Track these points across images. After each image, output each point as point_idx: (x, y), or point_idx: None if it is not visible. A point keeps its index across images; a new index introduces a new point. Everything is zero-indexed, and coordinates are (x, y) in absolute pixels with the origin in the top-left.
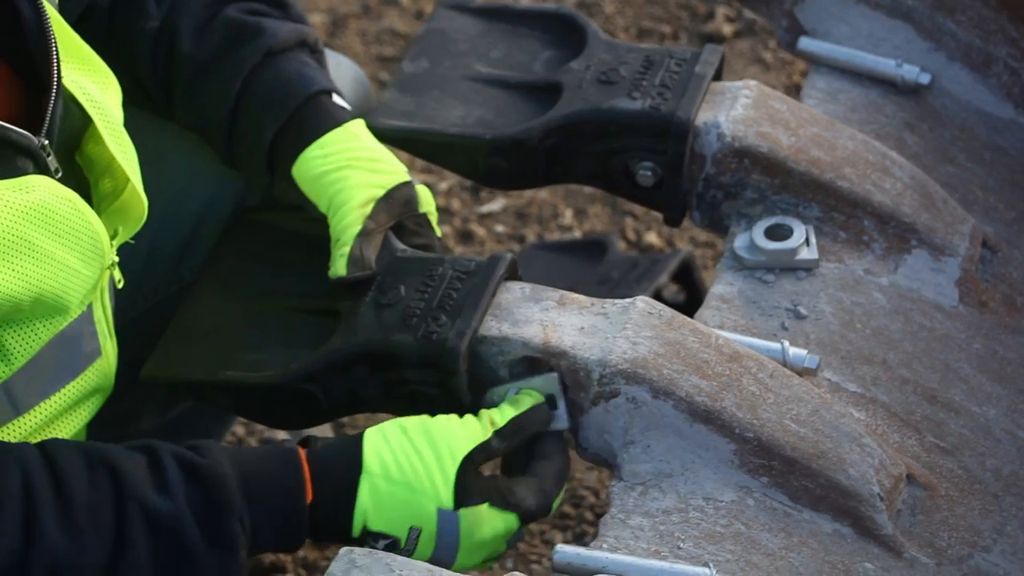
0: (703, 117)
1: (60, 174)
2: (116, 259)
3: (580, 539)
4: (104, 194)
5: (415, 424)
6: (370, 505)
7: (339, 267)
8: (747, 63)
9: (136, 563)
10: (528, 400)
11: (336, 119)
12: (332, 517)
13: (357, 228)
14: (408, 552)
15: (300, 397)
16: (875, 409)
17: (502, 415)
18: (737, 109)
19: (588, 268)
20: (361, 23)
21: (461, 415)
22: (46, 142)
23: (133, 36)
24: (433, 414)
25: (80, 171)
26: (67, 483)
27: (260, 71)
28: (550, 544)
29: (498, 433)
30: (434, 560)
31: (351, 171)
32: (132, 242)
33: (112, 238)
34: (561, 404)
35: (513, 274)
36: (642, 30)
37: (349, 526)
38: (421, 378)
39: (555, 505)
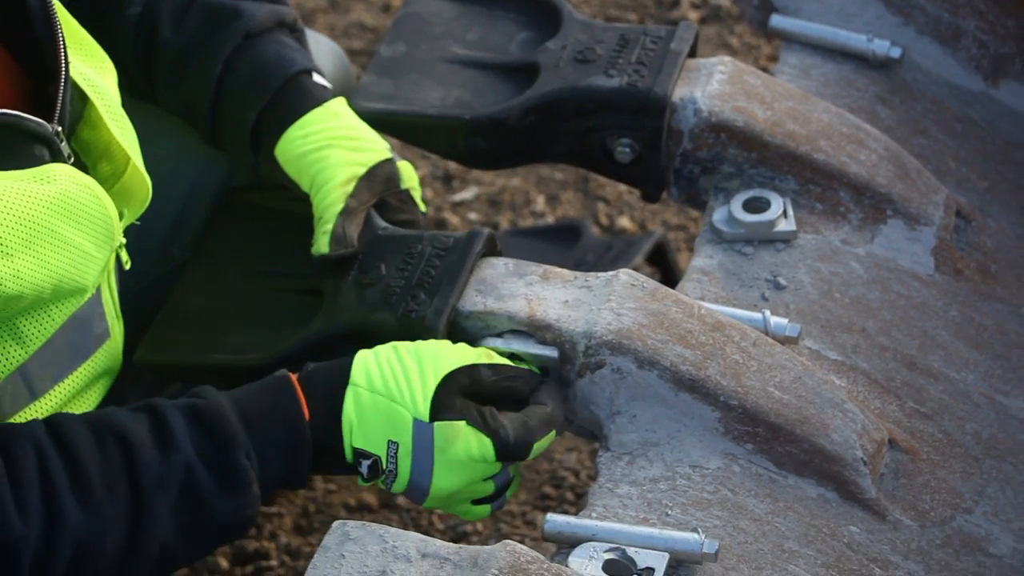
0: (679, 93)
1: (72, 159)
2: (123, 240)
3: None
4: (103, 177)
5: (407, 343)
6: (354, 416)
7: (321, 245)
8: (714, 48)
9: (155, 525)
10: (529, 362)
11: (317, 98)
12: (325, 434)
13: (339, 206)
14: (390, 473)
15: None
16: (856, 376)
17: (502, 353)
18: (713, 84)
19: (563, 252)
20: (329, 17)
21: None
22: (59, 128)
23: (116, 22)
24: None
25: (77, 156)
26: (80, 459)
27: (240, 54)
28: (532, 524)
29: (492, 365)
30: (412, 484)
31: (332, 150)
32: (138, 223)
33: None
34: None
35: (492, 249)
36: (608, 18)
37: (340, 443)
38: None
39: (536, 448)
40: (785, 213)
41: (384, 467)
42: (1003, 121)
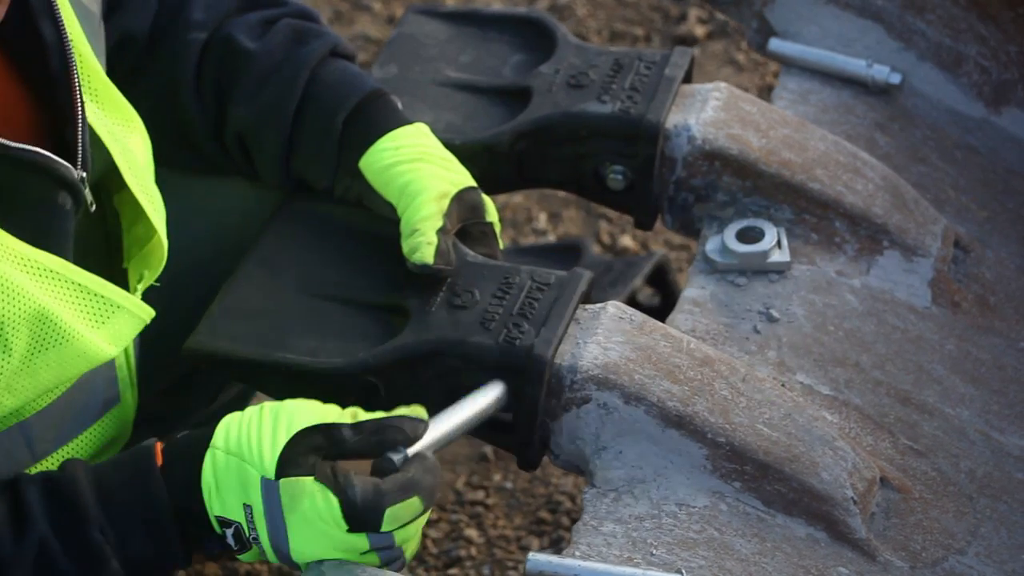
0: (673, 120)
1: (95, 207)
2: (149, 318)
3: (557, 544)
4: (135, 238)
5: (274, 403)
6: (212, 480)
7: (426, 254)
8: (720, 64)
9: None
10: (403, 410)
11: (406, 118)
12: (188, 502)
13: (438, 222)
14: (254, 540)
15: (360, 389)
16: (848, 412)
17: (367, 413)
18: (707, 111)
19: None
20: (333, 28)
21: (523, 432)
22: (84, 174)
23: (178, 50)
24: (492, 424)
25: (116, 215)
26: None
27: (327, 65)
28: (526, 549)
29: (355, 425)
30: (276, 550)
31: (424, 164)
32: (158, 284)
33: (138, 282)
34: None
35: (590, 291)
36: (615, 33)
37: (204, 513)
38: None
39: (393, 516)
40: (779, 244)
41: (247, 534)
42: (1005, 149)
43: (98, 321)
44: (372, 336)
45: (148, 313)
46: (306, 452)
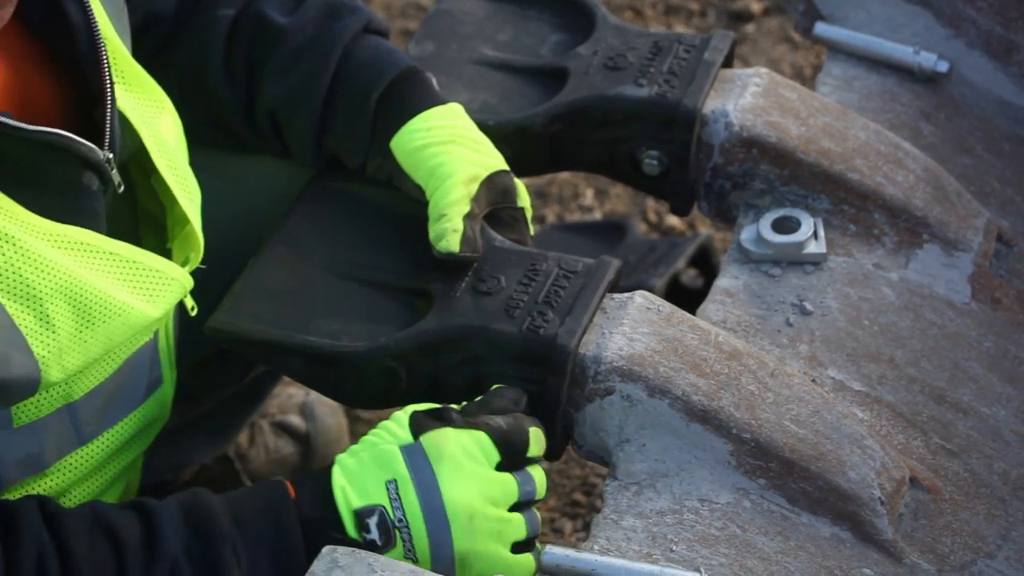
0: (711, 105)
1: (123, 188)
2: (190, 285)
3: (589, 528)
4: (176, 219)
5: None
6: (344, 481)
7: (452, 242)
8: (775, 42)
9: None
10: (502, 387)
11: (439, 97)
12: (317, 510)
13: (465, 207)
14: (399, 524)
15: (381, 374)
16: (880, 409)
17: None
18: (746, 97)
19: (606, 251)
20: None
21: (546, 422)
22: (111, 155)
23: (205, 27)
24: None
25: (156, 195)
26: (74, 560)
27: (359, 42)
28: (559, 532)
29: (462, 407)
30: (427, 506)
31: (455, 146)
32: (203, 266)
33: (184, 264)
34: None
35: (618, 280)
36: (670, 7)
37: (337, 519)
38: (519, 372)
39: (532, 435)
40: (815, 234)
41: (392, 516)
42: None
43: (137, 286)
44: (396, 320)
45: (187, 279)
46: (429, 418)
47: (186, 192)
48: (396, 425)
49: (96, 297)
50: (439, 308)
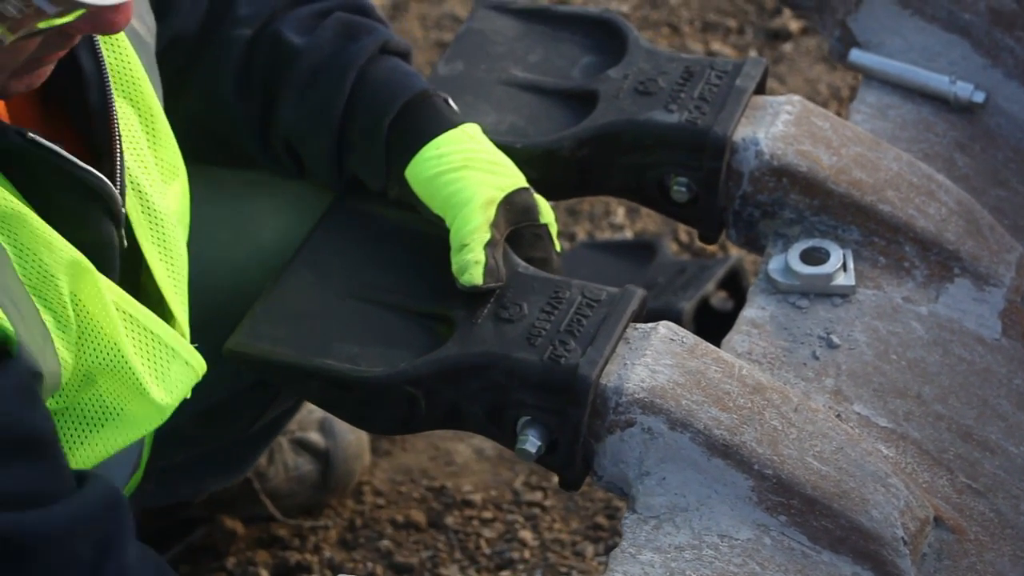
0: (741, 133)
1: (127, 245)
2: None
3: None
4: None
5: None
6: None
7: (475, 275)
8: (813, 61)
9: None
10: None
11: (451, 120)
12: None
13: (485, 235)
14: None
15: (399, 400)
16: (905, 446)
17: None
18: (777, 126)
19: (635, 271)
20: (422, 7)
21: (565, 452)
22: (124, 210)
23: (223, 47)
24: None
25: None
26: None
27: (375, 63)
28: (581, 556)
29: None
30: None
31: (469, 171)
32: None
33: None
34: None
35: (642, 310)
36: (707, 24)
37: None
38: (539, 402)
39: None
40: (844, 266)
41: None
42: None
43: (159, 370)
44: (416, 345)
45: (201, 365)
46: None
47: (172, 273)
48: None
49: (130, 375)
50: (460, 334)
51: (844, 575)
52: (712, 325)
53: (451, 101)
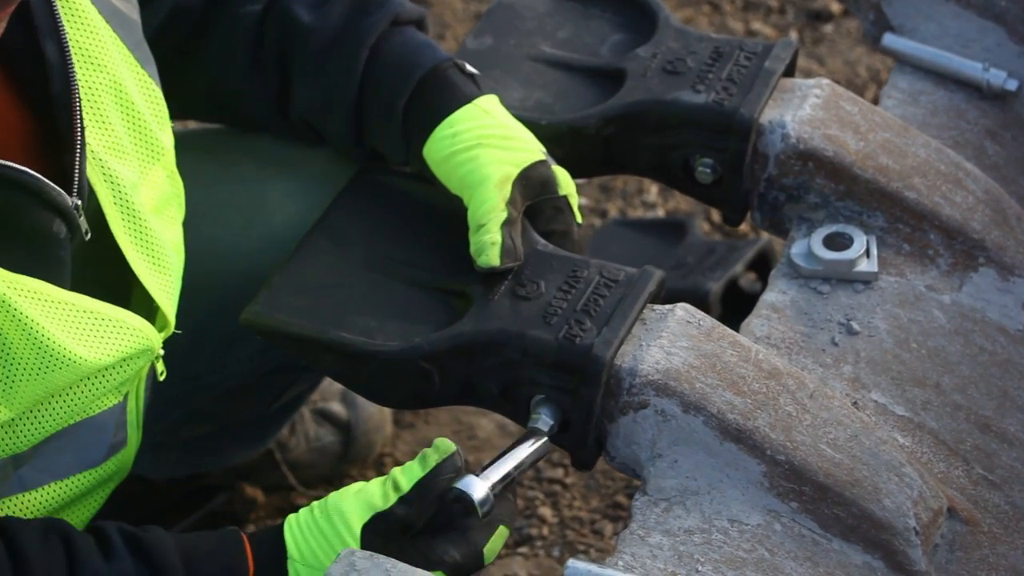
0: (768, 115)
1: (90, 235)
2: (161, 352)
3: None
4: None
5: (319, 504)
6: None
7: (492, 256)
8: (853, 43)
9: None
10: (435, 456)
11: (465, 95)
12: None
13: (502, 215)
14: None
15: (414, 374)
16: (922, 435)
17: (407, 476)
18: (805, 109)
19: (665, 250)
20: None
21: (578, 432)
22: (79, 202)
23: (232, 22)
24: (552, 424)
25: (96, 232)
26: (23, 551)
27: (387, 38)
28: (599, 534)
29: (403, 500)
30: None
31: (482, 149)
32: (179, 332)
33: (161, 330)
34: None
35: (660, 293)
36: (749, 3)
37: None
38: (552, 380)
39: (488, 552)
40: (868, 252)
41: None
42: None
43: (86, 335)
44: (432, 319)
45: (150, 330)
46: (381, 543)
47: (152, 260)
48: (349, 537)
49: (32, 338)
50: (476, 311)
51: (855, 563)
52: (740, 306)
53: (468, 67)
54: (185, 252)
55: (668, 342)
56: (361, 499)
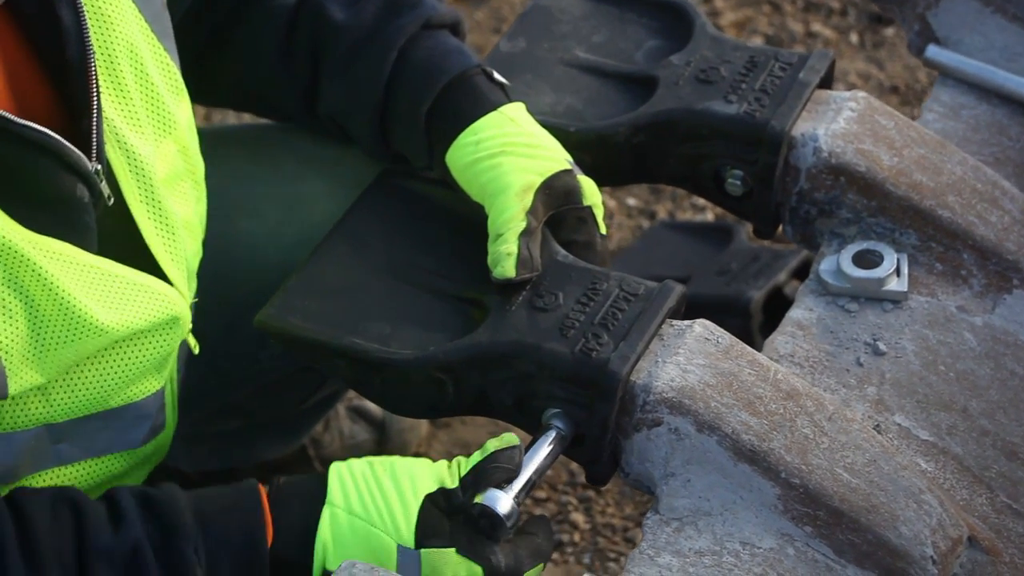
0: (801, 128)
1: (112, 200)
2: (183, 302)
3: None
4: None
5: (382, 460)
6: (329, 537)
7: (507, 268)
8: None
9: None
10: (495, 444)
11: (491, 102)
12: (293, 552)
13: (520, 225)
14: None
15: (428, 384)
16: (946, 461)
17: (469, 463)
18: (839, 122)
19: (710, 255)
20: None
21: (593, 447)
22: (99, 167)
23: (264, 17)
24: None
25: (119, 197)
26: (31, 524)
27: (416, 42)
28: (631, 542)
29: (463, 485)
30: None
31: (505, 157)
32: (196, 299)
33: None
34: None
35: (680, 307)
36: (810, 3)
37: (309, 563)
38: (567, 394)
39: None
40: (898, 271)
41: None
42: None
43: (113, 299)
44: (448, 328)
45: (176, 296)
46: (439, 519)
47: (165, 232)
48: (402, 510)
49: (60, 301)
50: (492, 321)
51: None
52: (783, 314)
53: (496, 75)
54: (220, 244)
55: (684, 359)
56: (433, 470)
